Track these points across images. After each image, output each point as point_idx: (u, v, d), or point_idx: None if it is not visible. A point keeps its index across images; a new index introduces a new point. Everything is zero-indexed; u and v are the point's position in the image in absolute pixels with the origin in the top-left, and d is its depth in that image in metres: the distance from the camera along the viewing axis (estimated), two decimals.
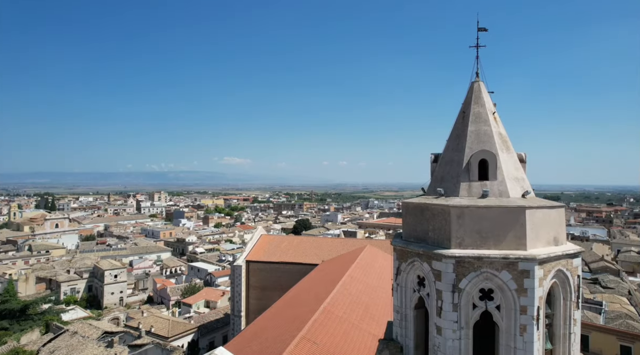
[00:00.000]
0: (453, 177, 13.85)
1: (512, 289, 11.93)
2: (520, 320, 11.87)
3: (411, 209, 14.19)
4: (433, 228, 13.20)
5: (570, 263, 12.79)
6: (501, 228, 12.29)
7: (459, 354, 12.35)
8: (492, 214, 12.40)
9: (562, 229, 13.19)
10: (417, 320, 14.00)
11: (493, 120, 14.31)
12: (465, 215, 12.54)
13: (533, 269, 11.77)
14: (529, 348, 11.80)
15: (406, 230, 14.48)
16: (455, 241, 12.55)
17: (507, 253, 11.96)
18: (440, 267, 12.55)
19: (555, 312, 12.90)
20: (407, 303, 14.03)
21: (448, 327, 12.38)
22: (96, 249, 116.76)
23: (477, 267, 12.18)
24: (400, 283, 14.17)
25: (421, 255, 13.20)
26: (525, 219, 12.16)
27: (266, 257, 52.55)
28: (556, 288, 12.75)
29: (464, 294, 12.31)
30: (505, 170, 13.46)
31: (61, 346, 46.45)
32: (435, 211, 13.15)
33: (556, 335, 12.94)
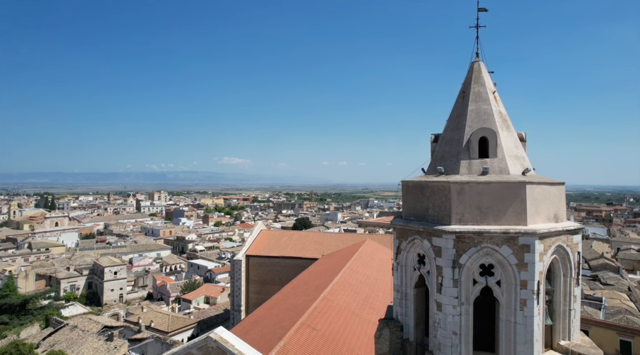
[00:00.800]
0: (453, 156, 13.85)
1: (512, 263, 11.92)
2: (521, 295, 11.86)
3: (411, 187, 14.19)
4: (433, 205, 13.20)
5: (570, 239, 12.79)
6: (501, 203, 12.29)
7: (460, 329, 12.35)
8: (492, 189, 12.40)
9: (562, 206, 13.20)
10: (418, 298, 14.01)
11: (493, 99, 14.32)
12: (466, 191, 12.55)
13: (533, 243, 11.77)
14: (529, 322, 11.80)
15: (406, 209, 14.49)
16: (455, 217, 12.55)
17: (507, 228, 11.96)
18: (440, 243, 12.55)
19: (556, 288, 12.90)
20: (407, 281, 14.03)
21: (448, 302, 12.38)
22: (96, 246, 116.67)
23: (477, 242, 12.18)
24: (401, 262, 14.17)
25: (421, 233, 13.20)
26: (525, 194, 12.16)
27: (266, 251, 52.53)
28: (556, 264, 12.76)
29: (464, 270, 12.31)
30: (506, 148, 13.46)
31: (61, 340, 46.44)
32: (435, 188, 13.15)
33: (556, 311, 12.94)
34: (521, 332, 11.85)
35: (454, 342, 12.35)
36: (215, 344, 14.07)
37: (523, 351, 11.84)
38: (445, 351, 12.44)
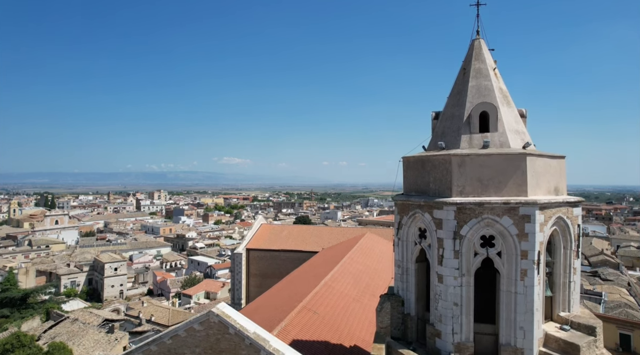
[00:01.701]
0: (454, 131, 13.93)
1: (513, 234, 12.01)
2: (521, 265, 11.95)
3: (412, 163, 14.28)
4: (434, 179, 13.28)
5: (570, 211, 12.88)
6: (502, 175, 12.37)
7: (460, 300, 12.43)
8: (493, 161, 12.49)
9: (562, 180, 13.28)
10: (418, 273, 14.08)
11: (494, 75, 14.41)
12: (466, 164, 12.63)
13: (534, 213, 11.85)
14: (529, 292, 11.88)
15: (407, 185, 14.57)
16: (456, 190, 12.64)
17: (508, 199, 12.05)
18: (441, 215, 12.63)
19: (556, 260, 12.99)
20: (408, 256, 14.11)
21: (449, 274, 12.47)
22: (96, 244, 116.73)
23: (478, 213, 12.26)
24: (402, 237, 14.25)
25: (422, 206, 13.28)
26: (526, 166, 12.24)
27: (266, 245, 52.59)
28: (556, 236, 12.84)
29: (465, 241, 12.40)
30: (506, 122, 13.55)
31: (62, 332, 46.46)
32: (436, 162, 13.23)
33: (556, 283, 13.03)
34: (521, 302, 11.94)
35: (454, 313, 12.43)
36: (217, 318, 14.14)
37: (523, 320, 11.93)
38: (446, 322, 12.52)
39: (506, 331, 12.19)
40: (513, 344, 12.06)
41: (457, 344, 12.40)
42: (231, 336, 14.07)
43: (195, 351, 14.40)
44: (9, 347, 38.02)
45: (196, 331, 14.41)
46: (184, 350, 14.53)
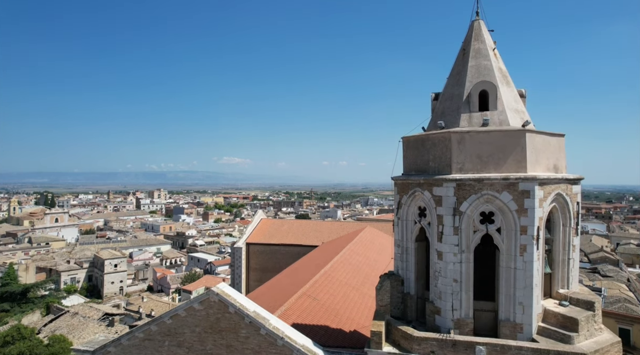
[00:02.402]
0: (453, 111, 13.96)
1: (512, 209, 12.04)
2: (521, 240, 11.98)
3: (412, 142, 14.30)
4: (434, 157, 13.31)
5: (570, 189, 12.91)
6: (501, 152, 12.41)
7: (460, 277, 12.46)
8: (493, 138, 12.53)
9: (562, 158, 13.31)
10: (418, 252, 14.12)
11: (493, 56, 14.43)
12: (466, 141, 12.67)
13: (533, 189, 11.88)
14: (529, 268, 11.91)
15: (406, 165, 14.59)
16: (455, 167, 12.68)
17: (507, 175, 12.08)
18: (441, 192, 12.67)
19: (555, 238, 13.02)
20: (408, 235, 14.14)
21: (449, 250, 12.50)
22: (96, 241, 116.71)
23: (477, 189, 12.30)
24: (401, 216, 14.28)
25: (422, 184, 13.31)
26: (525, 142, 12.27)
27: (266, 239, 52.57)
28: (556, 213, 12.87)
29: (464, 217, 12.43)
30: (506, 101, 13.57)
31: (62, 326, 46.51)
32: (436, 140, 13.27)
33: (555, 260, 13.06)
34: (521, 278, 11.97)
35: (454, 289, 12.46)
36: (217, 297, 14.15)
37: (523, 296, 11.96)
38: (446, 299, 12.56)
39: (505, 307, 12.23)
40: (512, 319, 12.10)
41: (456, 320, 12.44)
42: (231, 315, 14.09)
43: (195, 330, 14.43)
44: (9, 339, 38.08)
45: (196, 311, 14.43)
46: (183, 330, 14.55)
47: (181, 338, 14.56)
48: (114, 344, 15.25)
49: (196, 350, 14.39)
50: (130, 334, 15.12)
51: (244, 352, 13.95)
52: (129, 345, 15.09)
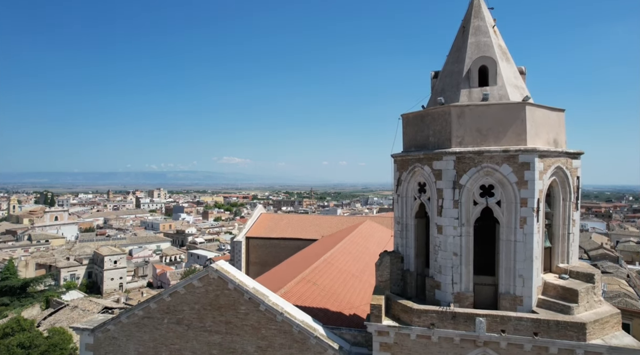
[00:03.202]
0: (453, 87, 13.93)
1: (512, 182, 12.02)
2: (521, 212, 11.96)
3: (412, 119, 14.28)
4: (433, 132, 13.29)
5: (570, 163, 12.89)
6: (501, 125, 12.39)
7: (460, 250, 12.44)
8: (493, 111, 12.50)
9: (561, 133, 13.28)
10: (418, 229, 14.09)
11: (493, 33, 14.40)
12: (466, 115, 12.65)
13: (533, 161, 11.86)
14: (529, 240, 11.89)
15: (406, 141, 14.55)
16: (455, 141, 12.65)
17: (507, 147, 12.06)
18: (440, 166, 12.65)
19: (555, 212, 12.99)
20: (407, 212, 14.11)
21: (449, 224, 12.48)
22: (96, 239, 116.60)
23: (477, 162, 12.27)
24: (401, 193, 14.26)
25: (422, 160, 13.29)
26: (525, 115, 12.25)
27: (266, 233, 52.52)
28: (556, 188, 12.85)
29: (464, 191, 12.41)
30: (505, 77, 13.54)
31: (62, 319, 46.43)
32: (436, 115, 13.24)
33: (555, 235, 13.04)
34: (521, 250, 11.95)
35: (454, 263, 12.44)
36: (217, 273, 14.12)
37: (523, 268, 11.94)
38: (446, 273, 12.53)
39: (505, 280, 12.21)
40: (512, 292, 12.07)
41: (456, 294, 12.41)
42: (230, 292, 14.07)
43: (194, 308, 14.40)
44: (9, 330, 38.02)
45: (195, 288, 14.41)
46: (183, 307, 14.53)
47: (180, 315, 14.53)
48: (113, 322, 15.23)
49: (195, 327, 14.36)
50: (129, 311, 15.10)
51: (244, 328, 13.93)
52: (128, 323, 15.06)
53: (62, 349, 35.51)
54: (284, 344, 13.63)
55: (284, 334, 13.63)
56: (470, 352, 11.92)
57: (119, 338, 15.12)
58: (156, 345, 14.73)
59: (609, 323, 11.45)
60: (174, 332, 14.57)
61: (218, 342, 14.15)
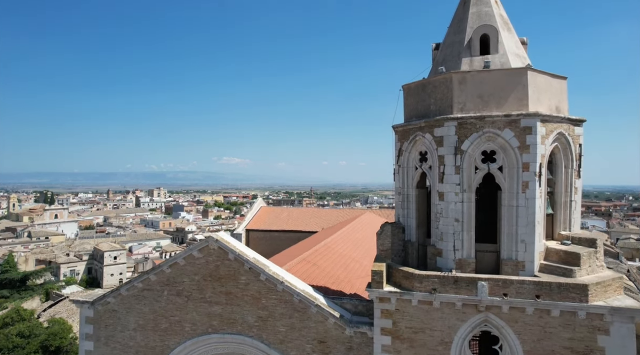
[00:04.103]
0: (454, 57, 13.86)
1: (514, 147, 11.96)
2: (523, 177, 11.90)
3: (413, 89, 14.22)
4: (435, 100, 13.23)
5: (572, 129, 12.83)
6: (503, 91, 12.32)
7: (462, 216, 12.37)
8: (494, 77, 12.44)
9: (564, 100, 13.21)
10: (419, 199, 14.02)
11: (494, 2, 14.34)
12: (467, 81, 12.58)
13: (535, 125, 11.81)
14: (531, 204, 11.82)
15: (407, 112, 14.49)
16: (457, 107, 12.59)
17: (509, 112, 12.01)
18: (442, 132, 12.59)
19: (557, 179, 12.93)
20: (408, 182, 14.04)
21: (450, 190, 12.41)
22: (95, 236, 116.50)
23: (479, 127, 12.21)
24: (402, 164, 14.19)
25: (423, 128, 13.23)
26: (527, 80, 12.18)
27: (266, 226, 52.39)
28: (557, 154, 12.78)
29: (466, 157, 12.35)
30: (507, 46, 13.47)
31: (61, 311, 46.43)
32: (437, 83, 13.19)
33: (557, 202, 12.97)
34: (523, 215, 11.89)
35: (456, 229, 12.37)
36: (217, 244, 14.04)
37: (525, 233, 11.87)
38: (447, 239, 12.47)
39: (507, 246, 12.14)
40: (514, 257, 12.01)
41: (458, 261, 12.35)
42: (230, 262, 14.00)
43: (194, 279, 14.34)
44: (9, 320, 38.00)
45: (195, 259, 14.34)
46: (183, 279, 14.46)
47: (180, 287, 14.46)
48: (113, 295, 15.16)
49: (195, 299, 14.30)
50: (129, 284, 15.04)
51: (244, 298, 13.87)
52: (128, 295, 15.00)
53: (62, 338, 35.45)
54: (285, 314, 13.57)
55: (285, 303, 13.56)
56: (472, 318, 11.86)
57: (118, 311, 15.05)
58: (156, 317, 14.66)
59: (611, 286, 11.38)
60: (173, 304, 14.51)
61: (218, 313, 14.09)
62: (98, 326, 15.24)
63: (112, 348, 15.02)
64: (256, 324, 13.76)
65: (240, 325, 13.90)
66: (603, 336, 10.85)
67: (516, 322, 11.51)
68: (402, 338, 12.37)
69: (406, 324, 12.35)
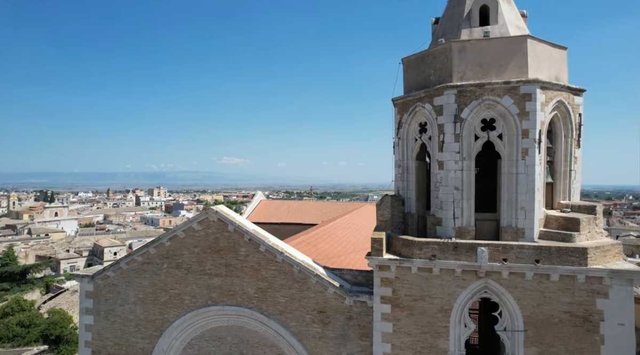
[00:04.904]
0: (454, 28, 13.85)
1: (514, 114, 11.96)
2: (522, 144, 11.91)
3: (412, 61, 14.21)
4: (434, 71, 13.23)
5: (572, 98, 12.83)
6: (503, 59, 12.32)
7: (461, 185, 12.37)
8: (494, 45, 12.44)
9: (563, 71, 13.19)
10: (418, 171, 14.02)
11: None
12: (467, 50, 12.58)
13: (535, 92, 11.81)
14: (531, 171, 11.83)
15: (407, 85, 14.48)
16: (456, 76, 12.59)
17: (509, 79, 12.02)
18: (442, 101, 12.59)
19: (557, 148, 12.92)
20: (408, 154, 14.04)
21: (450, 158, 12.42)
22: (95, 233, 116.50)
23: (478, 95, 12.22)
24: (402, 136, 14.19)
25: (422, 98, 13.24)
26: (526, 48, 12.18)
27: (266, 218, 52.31)
28: (557, 123, 12.78)
29: (465, 125, 12.35)
30: (507, 17, 13.48)
31: (62, 303, 46.43)
32: (437, 53, 13.19)
33: (557, 171, 12.97)
34: (523, 182, 11.89)
35: (455, 197, 12.38)
36: (217, 215, 14.03)
37: (524, 200, 11.88)
38: (447, 208, 12.47)
39: (507, 213, 12.15)
40: (514, 225, 12.01)
41: (458, 229, 12.35)
42: (230, 234, 14.00)
43: (194, 251, 14.33)
44: (9, 310, 38.00)
45: (195, 231, 14.34)
46: (182, 251, 14.45)
47: (180, 260, 14.46)
48: (112, 269, 15.17)
49: (195, 271, 14.30)
50: (129, 257, 15.05)
51: (243, 270, 13.87)
52: (128, 269, 15.00)
53: (62, 327, 35.45)
54: (284, 285, 13.57)
55: (284, 274, 13.57)
56: (472, 284, 11.86)
57: (118, 285, 15.06)
58: (155, 291, 14.66)
59: (610, 252, 11.38)
60: (173, 277, 14.51)
61: (218, 285, 14.09)
62: (98, 300, 15.25)
63: (112, 322, 15.02)
64: (256, 295, 13.76)
65: (239, 297, 13.90)
66: (602, 299, 10.85)
67: (516, 287, 11.51)
68: (402, 306, 12.37)
69: (406, 292, 12.35)
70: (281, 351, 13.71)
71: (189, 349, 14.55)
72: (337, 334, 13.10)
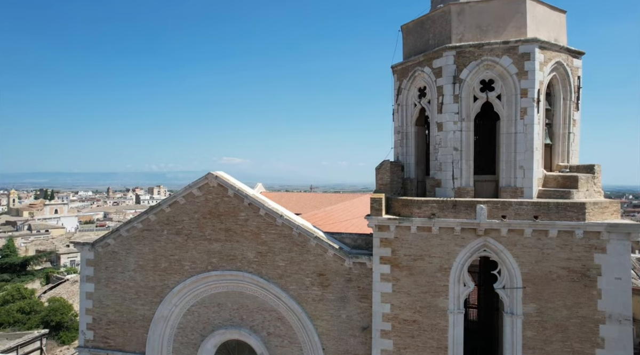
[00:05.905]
0: None
1: (512, 73, 12.01)
2: (521, 103, 11.96)
3: (412, 27, 14.27)
4: (433, 35, 13.29)
5: (570, 60, 12.87)
6: (502, 20, 12.37)
7: (460, 145, 12.42)
8: (493, 7, 12.48)
9: (562, 34, 13.22)
10: (418, 137, 14.08)
11: None
12: (466, 12, 12.64)
13: (534, 51, 11.86)
14: (529, 130, 11.88)
15: (406, 51, 14.53)
16: (455, 38, 12.64)
17: (507, 39, 12.07)
18: (441, 62, 12.65)
19: (556, 111, 12.96)
20: (407, 119, 14.09)
21: (449, 119, 12.47)
22: (96, 229, 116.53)
23: (477, 56, 12.27)
24: (401, 102, 14.24)
25: (422, 62, 13.29)
26: (525, 9, 12.23)
27: None
28: (556, 86, 12.83)
29: (464, 85, 12.40)
30: None
31: (62, 293, 46.46)
32: (436, 17, 13.25)
33: (556, 134, 13.01)
34: (521, 141, 11.95)
35: (454, 157, 12.43)
36: (217, 180, 14.08)
37: (523, 160, 11.93)
38: (446, 169, 12.52)
39: (506, 173, 12.20)
40: (513, 184, 12.06)
41: (457, 189, 12.40)
42: (230, 199, 14.05)
43: (194, 217, 14.39)
44: (9, 298, 38.04)
45: (195, 197, 14.39)
46: (182, 217, 14.51)
47: (180, 226, 14.52)
48: (113, 236, 15.22)
49: (195, 237, 14.35)
50: (128, 224, 15.10)
51: (243, 234, 13.92)
52: (128, 236, 15.05)
53: (62, 314, 35.49)
54: (284, 248, 13.62)
55: (284, 237, 13.62)
56: (471, 243, 11.90)
57: (119, 252, 15.11)
58: (155, 257, 14.72)
59: (608, 209, 11.42)
60: (173, 243, 14.56)
61: (218, 250, 14.14)
62: (98, 268, 15.31)
63: (112, 289, 15.08)
64: (255, 259, 13.81)
65: (239, 262, 13.95)
66: (600, 254, 10.89)
67: (515, 245, 11.56)
68: (401, 266, 12.41)
69: (405, 251, 12.39)
70: (280, 315, 13.76)
71: (188, 315, 14.61)
72: (337, 296, 13.15)
